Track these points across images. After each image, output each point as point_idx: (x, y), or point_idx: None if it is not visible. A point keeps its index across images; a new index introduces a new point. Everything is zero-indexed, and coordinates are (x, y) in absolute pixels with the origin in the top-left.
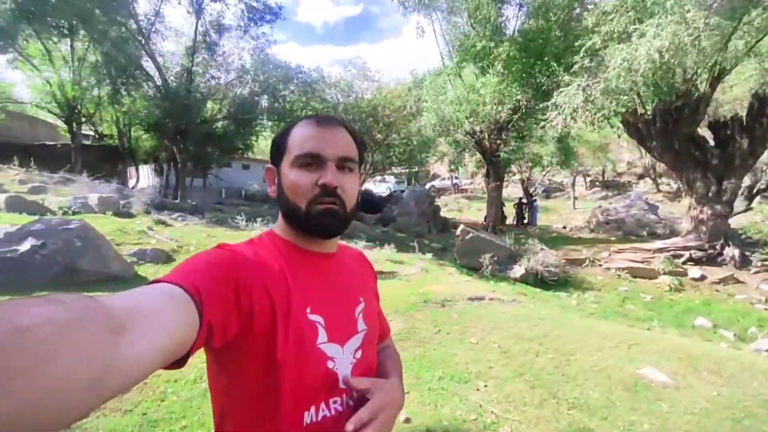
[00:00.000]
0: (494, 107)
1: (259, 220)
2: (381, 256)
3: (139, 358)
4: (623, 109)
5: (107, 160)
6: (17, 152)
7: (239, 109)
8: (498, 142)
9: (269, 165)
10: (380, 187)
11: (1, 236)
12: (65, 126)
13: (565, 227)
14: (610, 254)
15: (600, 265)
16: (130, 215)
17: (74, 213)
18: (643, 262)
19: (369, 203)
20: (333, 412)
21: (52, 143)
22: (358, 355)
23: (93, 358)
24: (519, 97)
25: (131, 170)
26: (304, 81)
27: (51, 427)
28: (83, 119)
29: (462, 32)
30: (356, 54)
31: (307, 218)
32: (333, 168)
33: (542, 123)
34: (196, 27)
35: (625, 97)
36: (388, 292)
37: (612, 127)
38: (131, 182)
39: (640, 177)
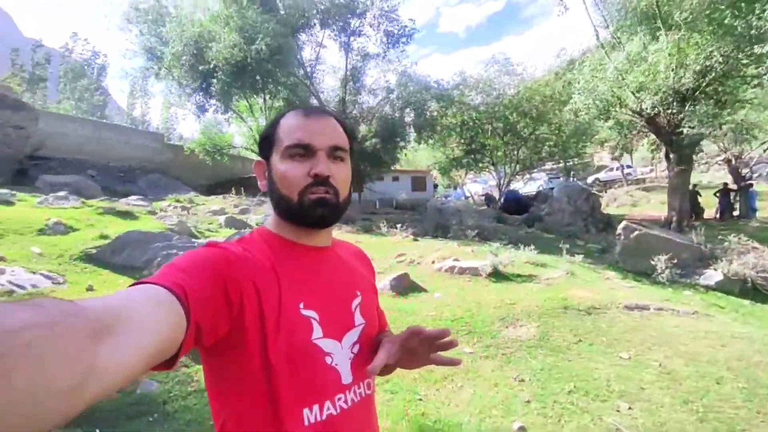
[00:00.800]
0: (671, 73)
1: (399, 226)
2: (519, 258)
3: (121, 361)
4: None
5: None
6: (235, 184)
7: (385, 127)
8: (680, 116)
9: (259, 158)
10: (530, 186)
11: None
12: None
13: None
14: None
15: None
16: None
17: None
18: None
19: (514, 203)
20: (338, 410)
21: (254, 175)
22: (356, 349)
23: (75, 363)
24: (714, 51)
25: None
26: (440, 91)
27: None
28: None
29: None
30: (501, 50)
31: (300, 209)
32: (324, 157)
33: (755, 81)
34: (346, 62)
35: None
36: (521, 296)
37: None
38: None
39: None
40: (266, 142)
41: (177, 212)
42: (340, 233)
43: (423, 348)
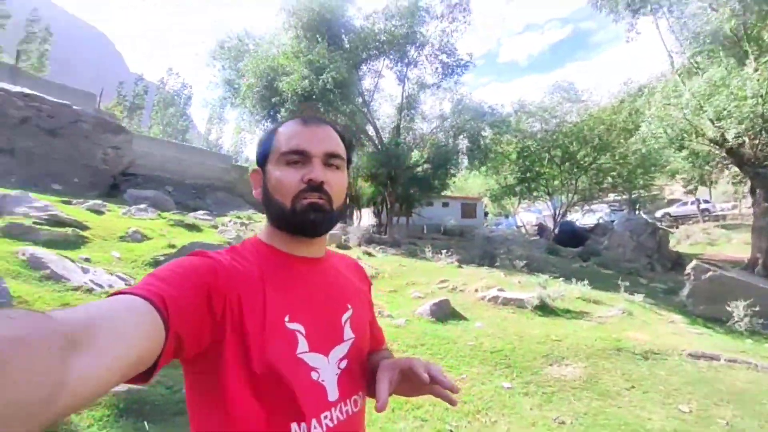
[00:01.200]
0: (760, 99)
1: (444, 252)
2: (570, 293)
3: (92, 375)
4: None
5: None
6: None
7: (437, 153)
8: None
9: (255, 167)
10: (589, 217)
11: None
12: None
13: None
14: None
15: None
16: (347, 247)
17: None
18: None
19: (569, 235)
20: (324, 429)
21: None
22: (343, 365)
23: (42, 377)
24: None
25: (357, 212)
26: (495, 119)
27: None
28: None
29: (700, 20)
30: (564, 77)
31: (293, 214)
32: (319, 163)
33: None
34: (403, 90)
35: None
36: (569, 333)
37: None
38: (356, 222)
39: None
40: (263, 150)
41: (236, 227)
42: (384, 256)
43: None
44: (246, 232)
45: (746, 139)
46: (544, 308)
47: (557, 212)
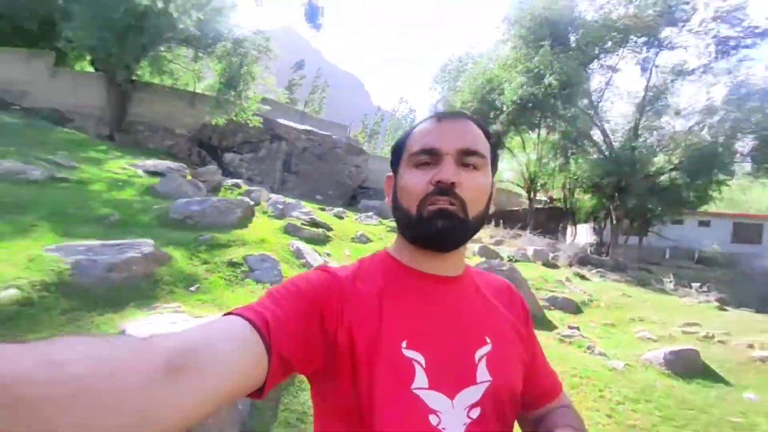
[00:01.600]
0: None
1: (695, 285)
2: None
3: (184, 403)
4: None
5: (553, 219)
6: (494, 217)
7: (695, 157)
8: None
9: (389, 174)
10: None
11: None
12: (526, 194)
13: None
14: None
15: None
16: (554, 266)
17: (515, 260)
18: None
19: None
20: None
21: (515, 208)
22: (475, 413)
23: (126, 402)
24: None
25: (571, 228)
26: None
27: None
28: (538, 188)
29: None
30: None
31: (419, 221)
32: (451, 162)
33: None
34: (647, 83)
35: None
36: None
37: None
38: (569, 239)
39: None
40: (396, 154)
41: None
42: (602, 281)
43: None
44: None
45: None
46: None
47: None
